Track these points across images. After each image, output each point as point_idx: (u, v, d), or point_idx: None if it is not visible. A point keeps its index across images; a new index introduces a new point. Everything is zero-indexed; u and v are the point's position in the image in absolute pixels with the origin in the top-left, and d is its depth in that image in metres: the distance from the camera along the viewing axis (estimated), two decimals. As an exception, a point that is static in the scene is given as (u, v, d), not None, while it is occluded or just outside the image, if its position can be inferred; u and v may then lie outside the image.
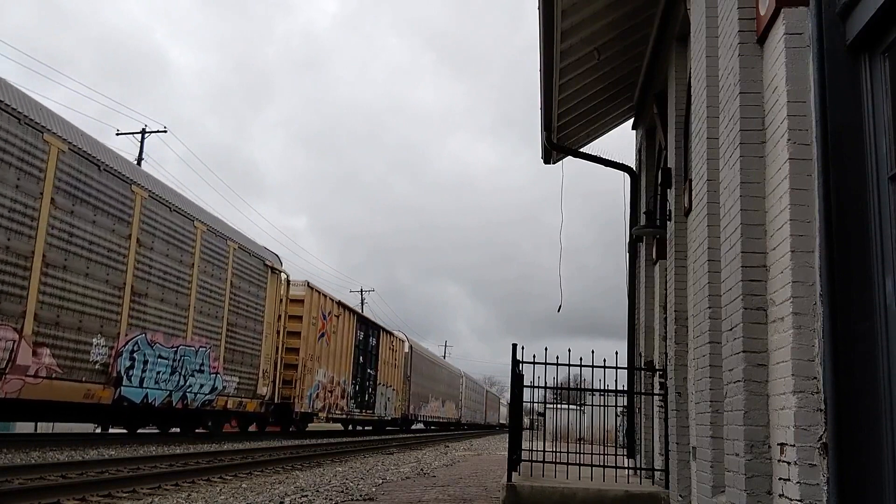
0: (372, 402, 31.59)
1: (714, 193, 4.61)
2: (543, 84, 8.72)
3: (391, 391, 35.17)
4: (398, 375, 36.80)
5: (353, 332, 28.91)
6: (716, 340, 4.49)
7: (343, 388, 27.63)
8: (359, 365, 29.79)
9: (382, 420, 34.12)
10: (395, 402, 36.13)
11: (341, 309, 27.58)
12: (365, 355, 30.58)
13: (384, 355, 33.68)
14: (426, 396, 44.37)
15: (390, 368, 34.99)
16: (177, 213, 16.31)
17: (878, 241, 2.91)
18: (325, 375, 25.56)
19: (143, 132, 32.10)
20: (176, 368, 16.30)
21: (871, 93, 3.02)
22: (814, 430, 3.11)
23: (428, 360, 46.34)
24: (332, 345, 26.44)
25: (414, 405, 40.50)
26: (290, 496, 7.78)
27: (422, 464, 14.08)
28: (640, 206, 10.07)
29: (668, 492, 7.10)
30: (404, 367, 38.20)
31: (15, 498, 6.37)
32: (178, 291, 16.41)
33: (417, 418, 41.93)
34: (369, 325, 32.12)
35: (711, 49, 4.77)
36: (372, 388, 31.55)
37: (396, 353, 36.46)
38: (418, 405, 41.84)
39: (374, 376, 31.77)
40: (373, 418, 32.23)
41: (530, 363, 8.01)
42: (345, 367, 27.85)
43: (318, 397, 24.97)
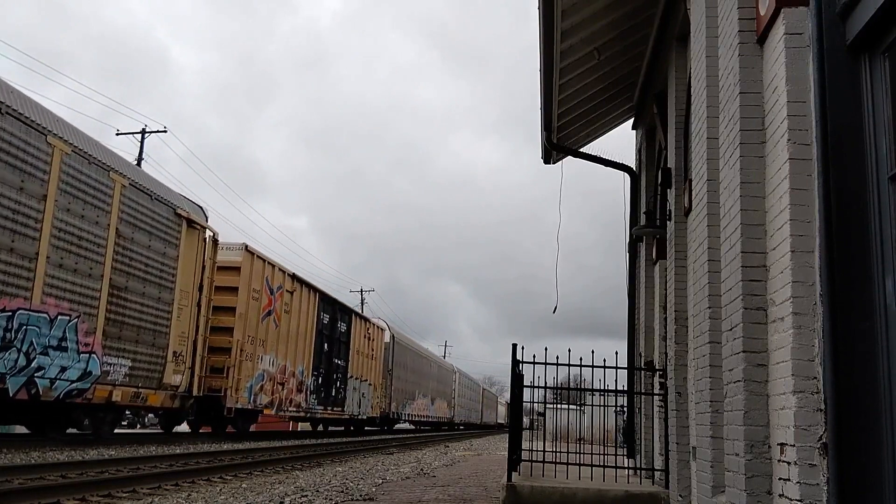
0: (341, 398, 27.20)
1: (714, 193, 4.61)
2: (543, 84, 8.72)
3: (367, 386, 30.72)
4: (377, 368, 32.39)
5: (314, 313, 24.03)
6: (716, 340, 4.49)
7: (300, 381, 22.97)
8: (322, 354, 25.07)
9: (356, 419, 30.04)
10: (373, 398, 31.81)
11: (297, 284, 22.62)
12: (332, 343, 26.03)
13: (358, 344, 29.24)
14: (412, 393, 40.23)
15: (366, 360, 30.55)
16: (14, 120, 11.45)
17: (878, 241, 2.91)
18: (273, 364, 20.92)
19: (143, 132, 32.11)
20: (11, 343, 11.47)
21: (871, 93, 3.02)
22: (814, 430, 3.11)
23: (414, 353, 41.94)
24: (285, 327, 21.71)
25: (397, 403, 36.32)
26: (290, 496, 7.78)
27: (422, 464, 14.08)
28: (640, 206, 10.07)
29: (668, 492, 7.10)
30: (385, 360, 33.91)
31: (15, 498, 6.38)
32: (15, 231, 11.49)
33: (401, 417, 37.90)
34: (337, 307, 27.08)
35: (711, 49, 4.77)
36: (341, 381, 27.21)
37: (374, 342, 31.93)
38: (402, 403, 37.75)
39: (343, 368, 27.44)
40: (342, 416, 27.90)
41: (530, 363, 8.02)
42: (303, 355, 23.20)
43: (264, 390, 20.29)
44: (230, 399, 18.42)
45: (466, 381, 62.09)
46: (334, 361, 26.60)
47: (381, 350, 33.34)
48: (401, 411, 37.44)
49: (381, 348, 33.47)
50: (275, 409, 21.43)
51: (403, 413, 38.13)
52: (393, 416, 35.68)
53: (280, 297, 21.41)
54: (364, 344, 30.36)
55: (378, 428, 36.30)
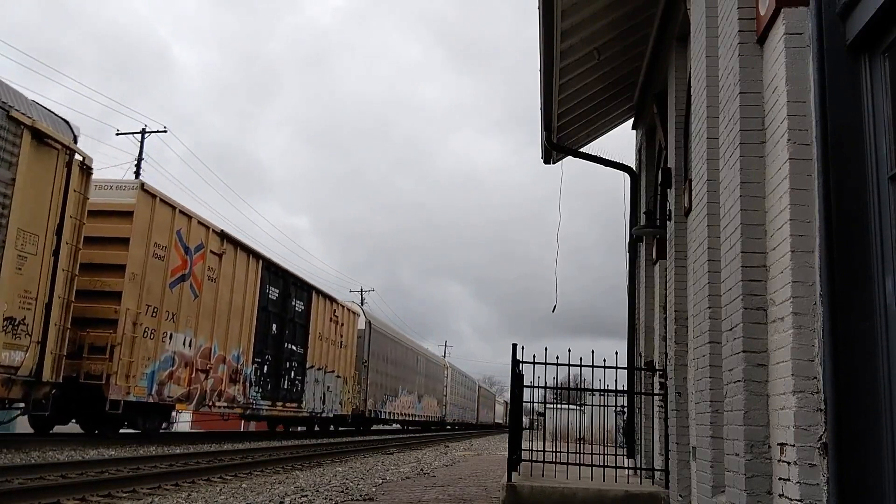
0: (297, 393, 22.55)
1: (714, 193, 4.61)
2: (543, 84, 8.72)
3: (334, 379, 26.16)
4: (348, 359, 27.85)
5: (255, 284, 19.42)
6: (716, 340, 4.49)
7: (235, 369, 18.40)
8: (269, 337, 20.47)
9: (319, 417, 25.14)
10: (344, 394, 27.36)
11: (227, 245, 17.90)
12: (283, 324, 21.36)
13: (320, 328, 24.44)
14: (394, 389, 35.57)
15: (333, 348, 25.84)
16: None
17: (878, 241, 2.91)
18: (190, 345, 16.14)
19: (143, 132, 32.11)
20: None
21: (871, 93, 3.02)
22: (814, 430, 3.11)
23: (396, 344, 37.03)
24: (210, 299, 17.01)
25: (375, 399, 31.71)
26: (290, 496, 7.78)
27: (422, 464, 14.08)
28: (640, 206, 10.07)
29: (668, 492, 7.10)
30: (359, 349, 29.41)
31: (15, 498, 6.38)
32: None
33: (380, 416, 33.11)
34: (290, 280, 21.95)
35: (711, 49, 4.77)
36: (297, 372, 22.53)
37: (344, 327, 27.21)
38: (382, 400, 33.14)
39: (300, 356, 22.79)
40: (299, 414, 23.08)
41: (530, 363, 8.02)
42: (239, 336, 18.62)
43: (176, 379, 15.56)
44: (116, 389, 13.62)
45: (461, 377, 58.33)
46: (287, 347, 21.75)
47: (353, 338, 28.56)
48: (380, 409, 32.85)
49: (354, 336, 28.70)
50: (193, 402, 16.44)
51: (383, 411, 33.50)
52: (370, 414, 30.97)
53: (202, 259, 16.54)
54: (330, 329, 25.46)
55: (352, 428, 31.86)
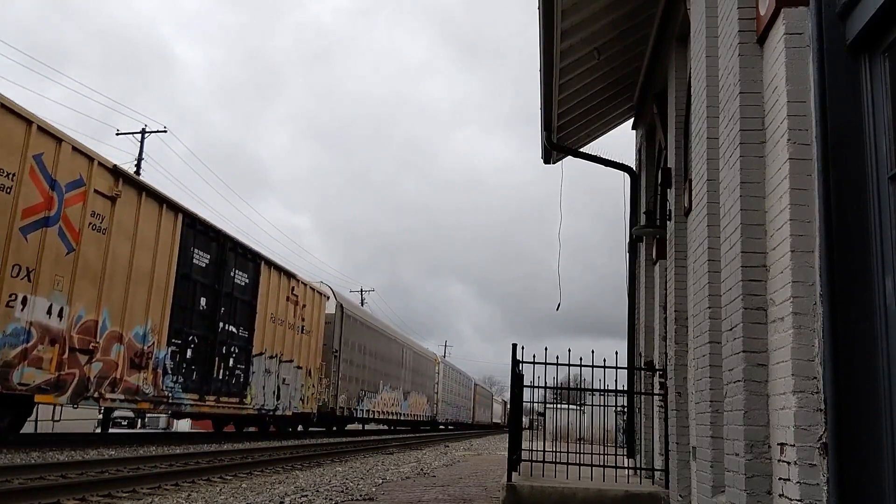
0: (239, 385, 18.63)
1: (714, 193, 4.61)
2: (543, 84, 8.72)
3: (293, 370, 22.25)
4: (313, 347, 23.94)
5: (173, 244, 15.44)
6: (716, 340, 4.49)
7: (141, 351, 14.37)
8: (195, 313, 16.49)
9: (272, 415, 21.36)
10: (307, 388, 23.40)
11: (125, 187, 13.64)
12: (216, 299, 17.33)
13: (273, 308, 20.56)
14: (374, 384, 31.66)
15: (291, 334, 22.03)
16: None
17: (878, 241, 2.91)
18: (62, 315, 12.18)
19: (143, 132, 32.12)
20: None
21: (871, 93, 3.02)
22: (814, 430, 3.11)
23: (377, 333, 32.58)
24: (96, 256, 13.01)
25: (349, 395, 27.74)
26: (290, 496, 7.78)
27: (422, 464, 14.08)
28: (640, 206, 10.07)
29: (668, 492, 7.10)
30: (328, 337, 25.55)
31: (15, 498, 6.37)
32: None
33: (356, 414, 28.96)
34: (228, 245, 17.88)
35: (711, 49, 4.77)
36: (239, 359, 18.64)
37: (307, 310, 23.22)
38: (358, 396, 29.02)
39: (244, 340, 18.92)
40: (243, 411, 19.20)
41: (530, 363, 8.02)
42: (147, 309, 14.58)
43: (34, 360, 11.54)
44: None
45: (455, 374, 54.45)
46: (224, 329, 17.82)
47: (319, 323, 24.50)
48: (355, 407, 28.71)
49: (320, 321, 24.62)
50: (67, 393, 12.32)
51: (360, 409, 29.28)
52: (342, 412, 26.96)
53: (81, 200, 12.60)
54: (287, 310, 21.59)
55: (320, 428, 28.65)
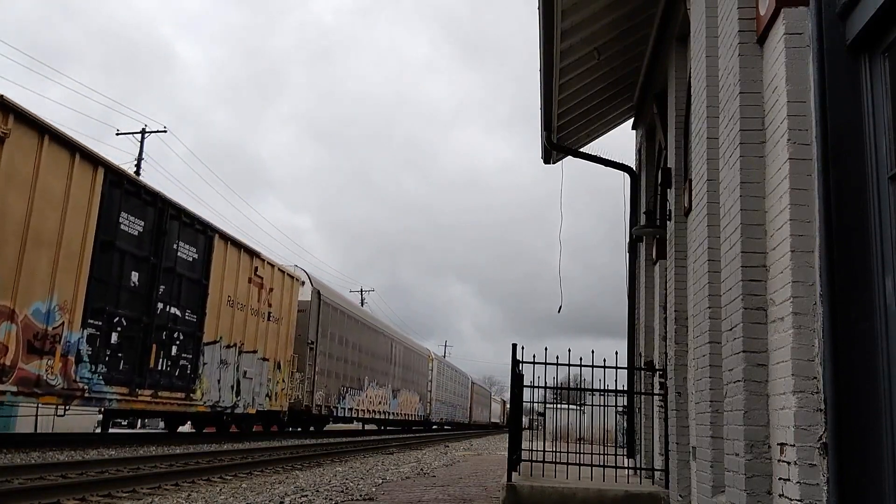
0: (185, 378, 16.08)
1: (714, 193, 4.61)
2: (543, 84, 8.72)
3: (258, 363, 19.63)
4: (281, 337, 21.33)
5: (90, 204, 12.96)
6: (716, 340, 4.49)
7: (43, 333, 11.91)
8: (124, 290, 13.92)
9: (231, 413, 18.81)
10: (275, 383, 20.86)
11: (16, 125, 11.15)
12: (153, 274, 14.70)
13: (231, 290, 17.95)
14: (358, 380, 29.12)
15: (255, 321, 19.43)
16: None
17: (878, 241, 2.91)
18: None
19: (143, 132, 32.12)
20: None
21: (871, 93, 3.02)
22: (814, 430, 3.11)
23: (359, 324, 29.74)
24: None
25: (328, 392, 25.25)
26: (290, 496, 7.78)
27: (422, 464, 14.08)
28: (640, 206, 10.07)
29: (668, 492, 7.10)
30: (301, 326, 23.11)
31: (15, 498, 6.38)
32: None
33: (336, 413, 26.48)
34: (169, 211, 15.25)
35: (711, 49, 4.77)
36: (185, 347, 16.02)
37: (275, 294, 20.60)
38: (339, 393, 26.52)
39: (192, 325, 16.28)
40: (192, 407, 16.61)
41: (530, 363, 8.02)
42: (52, 281, 12.06)
43: None
44: None
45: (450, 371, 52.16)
46: (165, 311, 15.11)
47: (291, 310, 22.03)
48: (336, 405, 26.23)
49: (292, 308, 22.16)
50: None
51: (341, 407, 26.77)
52: (319, 410, 24.42)
53: None
54: (249, 293, 18.98)
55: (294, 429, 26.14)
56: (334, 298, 27.11)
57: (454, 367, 55.98)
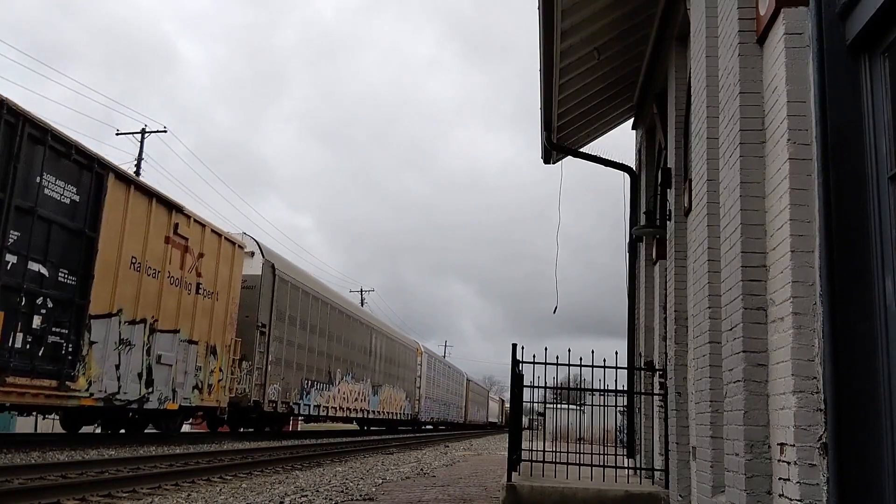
0: (62, 360, 12.08)
1: (714, 193, 4.61)
2: (543, 84, 8.72)
3: (183, 346, 15.85)
4: (220, 317, 17.53)
5: None
6: (716, 340, 4.49)
7: None
8: None
9: (138, 409, 14.69)
10: (209, 373, 17.03)
11: None
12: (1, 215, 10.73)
13: (138, 249, 14.14)
14: (327, 373, 25.41)
15: (178, 293, 15.61)
16: None
17: (878, 241, 2.91)
18: None
19: (143, 132, 32.12)
20: None
21: (871, 93, 3.02)
22: (814, 430, 3.11)
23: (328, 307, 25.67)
24: None
25: (287, 386, 21.66)
26: (290, 496, 7.78)
27: (422, 464, 14.08)
28: (640, 206, 10.07)
29: (668, 492, 7.10)
30: (250, 306, 19.49)
31: (15, 498, 6.38)
32: None
33: (299, 410, 23.02)
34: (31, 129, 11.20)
35: (711, 49, 4.77)
36: (61, 319, 12.09)
37: (209, 263, 16.86)
38: (301, 387, 22.92)
39: (71, 289, 12.32)
40: (72, 400, 12.51)
41: (530, 363, 8.02)
42: None
43: None
44: None
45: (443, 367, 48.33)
46: (20, 267, 11.22)
47: (232, 285, 18.13)
48: (297, 401, 22.68)
49: (234, 282, 18.25)
50: None
51: (305, 404, 23.27)
52: (274, 407, 20.81)
53: None
54: (168, 257, 15.15)
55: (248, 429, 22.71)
56: (294, 275, 22.80)
57: (447, 363, 52.45)
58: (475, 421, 61.61)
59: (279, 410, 21.33)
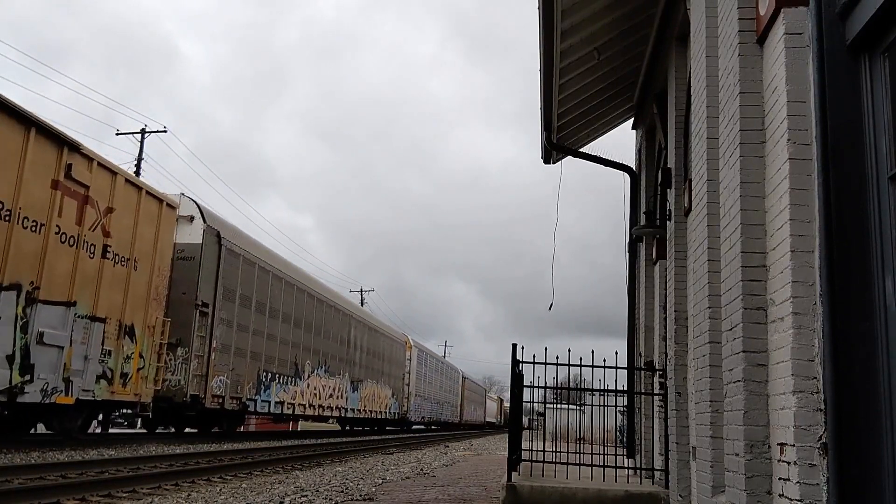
0: None
1: (714, 193, 4.61)
2: (543, 84, 8.72)
3: (82, 324, 12.66)
4: (140, 289, 14.49)
5: None
6: (716, 340, 4.49)
7: None
8: None
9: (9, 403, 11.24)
10: (126, 360, 14.06)
11: None
12: None
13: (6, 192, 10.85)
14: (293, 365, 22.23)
15: (74, 253, 12.38)
16: None
17: (878, 241, 2.91)
18: None
19: (143, 132, 32.12)
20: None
21: (871, 93, 3.02)
22: (814, 430, 3.11)
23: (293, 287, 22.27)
24: None
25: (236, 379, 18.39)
26: (290, 496, 7.78)
27: (422, 464, 14.08)
28: (640, 206, 10.07)
29: (668, 492, 7.10)
30: (186, 281, 16.38)
31: (15, 498, 6.38)
32: None
33: (253, 407, 19.70)
34: None
35: (711, 49, 4.77)
36: None
37: (122, 220, 13.83)
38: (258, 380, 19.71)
39: None
40: None
41: (530, 363, 8.02)
42: None
43: None
44: None
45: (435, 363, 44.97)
46: None
47: (158, 252, 15.11)
48: (253, 396, 19.55)
49: (160, 248, 15.17)
50: None
51: (262, 400, 20.12)
52: (221, 402, 17.59)
53: None
54: (57, 207, 12.01)
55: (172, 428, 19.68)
56: (249, 248, 19.25)
57: (440, 359, 48.60)
58: (472, 421, 59.23)
59: (227, 407, 18.09)
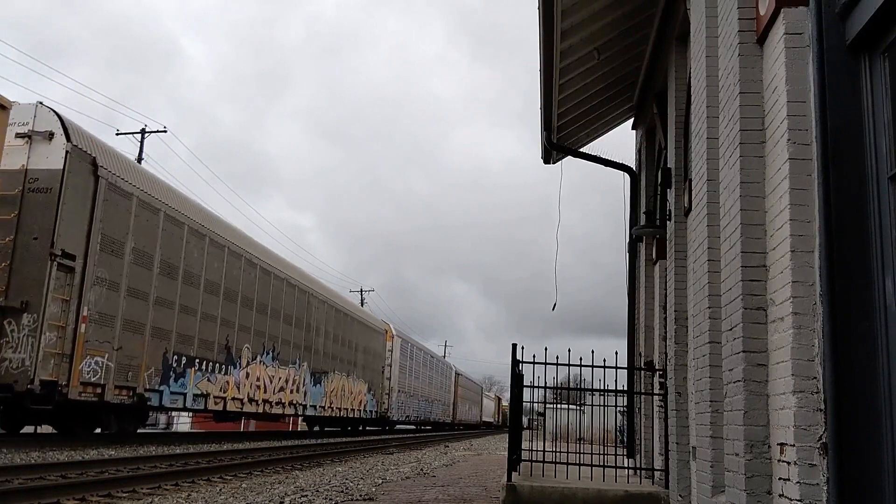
0: None
1: (714, 193, 4.61)
2: (543, 84, 8.72)
3: None
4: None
5: None
6: (716, 340, 4.49)
7: None
8: None
9: None
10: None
11: None
12: None
13: None
14: (221, 348, 17.63)
15: None
16: None
17: (878, 241, 2.91)
18: None
19: (143, 132, 32.10)
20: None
21: (871, 93, 3.02)
22: (814, 430, 3.11)
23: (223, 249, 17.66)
24: None
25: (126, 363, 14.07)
26: (290, 496, 7.78)
27: (422, 464, 14.08)
28: (640, 206, 10.07)
29: (668, 492, 7.10)
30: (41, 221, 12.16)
31: (15, 498, 6.38)
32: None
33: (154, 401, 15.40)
34: None
35: (711, 49, 4.77)
36: None
37: None
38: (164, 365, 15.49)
39: None
40: None
41: (530, 363, 8.02)
42: None
43: None
44: None
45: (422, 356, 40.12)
46: None
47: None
48: (155, 387, 15.39)
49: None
50: None
51: (171, 391, 15.86)
52: (101, 394, 13.40)
53: None
54: None
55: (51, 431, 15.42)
56: (148, 188, 14.81)
57: (429, 352, 43.22)
58: (466, 420, 54.54)
59: (111, 400, 13.56)
